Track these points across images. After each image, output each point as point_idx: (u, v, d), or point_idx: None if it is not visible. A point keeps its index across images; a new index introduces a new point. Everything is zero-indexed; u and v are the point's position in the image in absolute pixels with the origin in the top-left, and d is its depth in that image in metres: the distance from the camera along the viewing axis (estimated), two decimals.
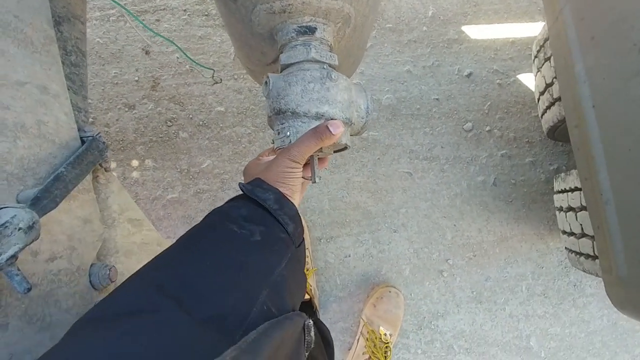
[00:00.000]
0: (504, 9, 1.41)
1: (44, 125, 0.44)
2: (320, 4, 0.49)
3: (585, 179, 0.66)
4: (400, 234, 1.27)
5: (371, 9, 0.59)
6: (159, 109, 1.28)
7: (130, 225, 0.62)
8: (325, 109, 0.50)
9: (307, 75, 0.50)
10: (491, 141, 1.33)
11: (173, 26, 1.33)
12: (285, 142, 0.51)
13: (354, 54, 0.73)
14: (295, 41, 0.53)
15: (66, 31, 0.53)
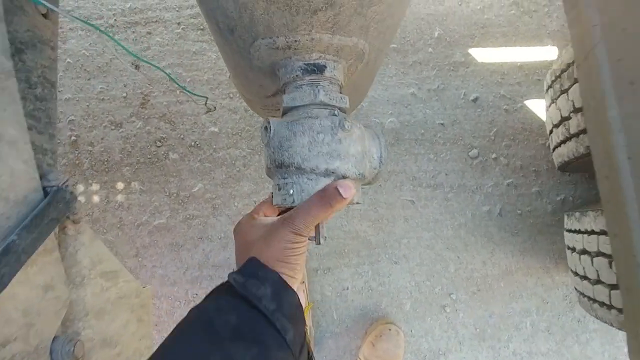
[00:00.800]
0: (512, 32, 1.36)
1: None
2: (332, 41, 0.42)
3: (615, 235, 0.59)
4: (401, 265, 1.20)
5: (387, 42, 0.53)
6: (148, 127, 1.20)
7: (104, 280, 0.54)
8: (336, 165, 0.43)
9: (316, 125, 0.43)
10: (497, 169, 1.28)
11: (165, 40, 1.25)
12: (287, 200, 0.44)
13: (362, 87, 0.66)
14: (301, 80, 0.46)
15: (30, 60, 0.45)
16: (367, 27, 0.43)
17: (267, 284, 0.37)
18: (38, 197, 0.42)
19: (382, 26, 0.45)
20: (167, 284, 1.13)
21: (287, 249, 0.39)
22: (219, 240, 1.16)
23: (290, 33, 0.41)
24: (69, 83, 1.21)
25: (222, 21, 0.45)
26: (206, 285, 1.14)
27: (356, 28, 0.42)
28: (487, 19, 1.36)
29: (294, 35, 0.41)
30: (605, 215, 0.63)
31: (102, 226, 1.14)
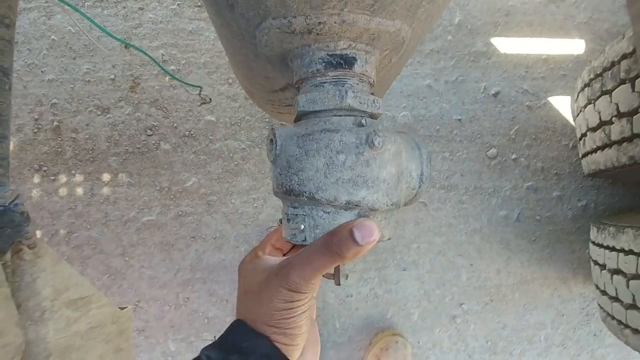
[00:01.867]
0: (537, 21, 1.24)
1: None
2: (370, 25, 0.32)
3: None
4: (410, 272, 1.12)
5: (428, 28, 0.42)
6: (138, 114, 1.09)
7: (71, 310, 0.45)
8: (361, 196, 0.33)
9: (336, 141, 0.32)
10: (516, 171, 1.18)
11: (159, 17, 1.13)
12: (297, 237, 0.34)
13: (387, 84, 0.55)
14: (323, 77, 0.35)
15: None
16: (416, 7, 0.32)
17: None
18: None
19: (433, 6, 0.34)
20: (155, 286, 1.05)
21: (280, 311, 0.29)
22: (214, 240, 1.07)
23: (312, 12, 0.31)
24: (53, 62, 1.09)
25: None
26: (198, 288, 1.05)
27: (403, 8, 0.31)
28: (512, 5, 1.24)
29: (317, 15, 0.31)
30: None
31: (85, 221, 1.05)
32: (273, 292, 0.30)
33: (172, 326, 1.05)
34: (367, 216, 0.34)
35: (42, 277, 0.41)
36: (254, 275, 0.34)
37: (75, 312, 0.45)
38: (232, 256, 1.07)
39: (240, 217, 1.08)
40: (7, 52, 0.39)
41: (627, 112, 0.72)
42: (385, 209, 0.35)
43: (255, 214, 1.09)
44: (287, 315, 0.30)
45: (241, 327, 0.30)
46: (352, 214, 0.34)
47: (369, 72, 0.36)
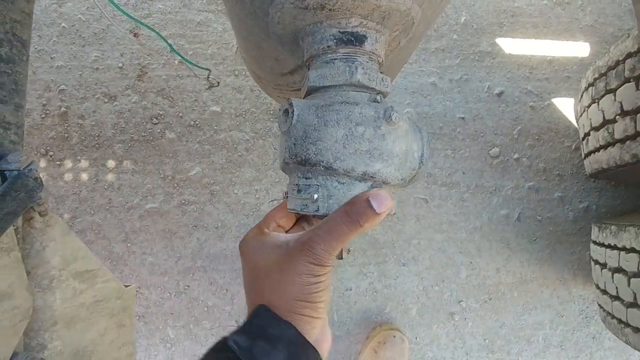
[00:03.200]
0: (543, 23, 1.25)
1: None
2: (382, 3, 0.33)
3: None
4: (409, 268, 1.12)
5: (439, 12, 0.43)
6: (144, 102, 1.10)
7: (78, 282, 0.46)
8: (377, 168, 0.33)
9: (355, 113, 0.33)
10: (518, 171, 1.19)
11: (168, 7, 1.14)
12: (309, 207, 0.35)
13: (394, 71, 0.56)
14: (334, 53, 0.36)
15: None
16: None
17: (279, 347, 0.28)
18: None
19: None
20: (156, 273, 1.05)
21: (308, 285, 0.30)
22: (215, 230, 1.07)
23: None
24: (62, 49, 1.11)
25: None
26: (199, 277, 1.06)
27: None
28: (518, 7, 1.25)
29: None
30: None
31: (89, 207, 1.05)
32: (300, 268, 0.30)
33: (172, 313, 1.05)
34: None
35: (51, 246, 0.42)
36: (268, 252, 0.33)
37: (81, 283, 0.46)
38: (233, 246, 1.07)
39: (243, 208, 1.09)
40: (27, 25, 0.40)
41: (631, 110, 0.73)
42: (395, 183, 0.36)
43: (257, 205, 1.09)
44: (315, 289, 0.30)
45: (266, 312, 0.30)
46: (366, 186, 0.34)
47: (379, 51, 0.37)
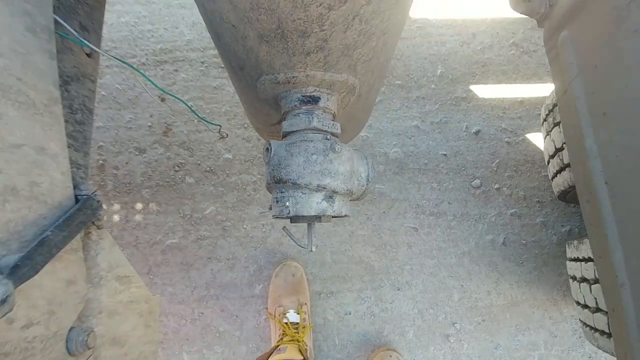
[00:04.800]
0: (512, 70, 1.43)
1: (37, 186, 0.44)
2: (325, 77, 0.50)
3: (599, 257, 0.62)
4: (404, 292, 1.22)
5: (377, 78, 0.60)
6: (169, 154, 1.30)
7: (118, 283, 0.60)
8: (327, 182, 0.49)
9: (310, 147, 0.49)
10: (500, 199, 1.30)
11: (190, 76, 1.38)
12: (283, 211, 0.50)
13: (359, 117, 0.73)
14: (299, 109, 0.53)
15: (74, 90, 0.54)
16: (354, 66, 0.50)
17: None
18: (70, 203, 0.49)
19: (369, 65, 0.52)
20: (175, 302, 1.18)
21: None
22: (227, 261, 1.21)
23: (288, 70, 0.49)
24: (102, 113, 1.34)
25: (234, 61, 0.53)
26: (212, 304, 1.18)
27: (344, 66, 0.49)
28: (488, 58, 1.44)
29: (292, 72, 0.49)
30: (589, 239, 0.65)
31: (119, 244, 1.22)
32: None
33: (187, 339, 1.16)
34: (331, 198, 0.50)
35: (101, 254, 0.57)
36: None
37: (121, 285, 0.61)
38: (242, 275, 1.20)
39: (251, 241, 1.23)
40: (92, 99, 0.59)
41: None
42: (343, 193, 0.50)
43: (263, 238, 1.24)
44: None
45: None
46: (320, 195, 0.49)
47: (330, 107, 0.54)
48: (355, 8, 0.38)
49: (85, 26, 0.57)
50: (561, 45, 0.67)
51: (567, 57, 0.66)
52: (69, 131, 0.53)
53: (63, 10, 0.52)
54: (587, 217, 0.64)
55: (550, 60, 0.72)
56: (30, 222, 0.43)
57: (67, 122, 0.52)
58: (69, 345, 0.48)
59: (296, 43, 0.42)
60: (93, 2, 0.59)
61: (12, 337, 0.40)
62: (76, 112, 0.55)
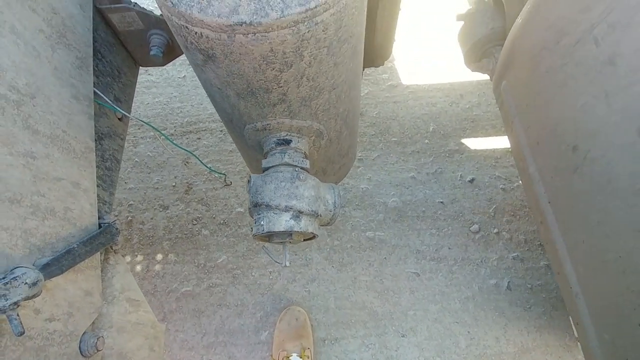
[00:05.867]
0: (500, 124, 1.55)
1: (70, 211, 0.58)
2: (292, 123, 0.64)
3: (558, 273, 0.66)
4: (409, 339, 1.21)
5: (343, 125, 0.74)
6: (188, 209, 1.46)
7: (129, 305, 0.70)
8: (293, 203, 0.60)
9: (280, 176, 0.62)
10: (500, 243, 1.33)
11: (210, 143, 1.60)
12: (259, 230, 0.61)
13: (337, 160, 0.85)
14: (275, 150, 0.66)
15: (106, 144, 0.71)
16: (315, 114, 0.64)
17: None
18: (95, 229, 0.63)
19: (329, 113, 0.66)
20: (185, 348, 1.23)
21: None
22: (235, 307, 1.27)
23: (263, 119, 0.63)
24: (134, 176, 1.55)
25: (225, 116, 0.69)
26: (219, 351, 1.22)
27: (307, 115, 0.63)
28: (476, 115, 1.58)
29: (266, 120, 0.64)
30: (548, 258, 0.70)
31: None
32: None
33: None
34: (298, 217, 0.60)
35: (116, 276, 0.68)
36: None
37: (131, 307, 0.70)
38: (250, 321, 1.25)
39: (259, 287, 1.30)
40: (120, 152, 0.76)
41: None
42: (308, 213, 0.61)
43: (270, 285, 1.30)
44: None
45: None
46: (289, 214, 0.60)
47: (301, 147, 0.67)
48: (300, 70, 0.52)
49: (118, 98, 0.76)
50: (504, 92, 0.79)
51: (508, 102, 0.78)
52: (99, 174, 0.68)
53: (101, 85, 0.71)
54: (543, 237, 0.70)
55: (500, 107, 0.84)
56: (61, 238, 0.56)
57: (98, 168, 0.68)
58: (82, 347, 0.58)
59: (263, 97, 0.57)
60: (126, 81, 0.79)
61: (36, 326, 0.51)
62: (106, 160, 0.71)
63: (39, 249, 0.52)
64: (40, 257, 0.51)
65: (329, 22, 0.47)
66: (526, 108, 0.70)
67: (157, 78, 1.74)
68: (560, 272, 0.65)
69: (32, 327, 0.49)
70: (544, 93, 0.64)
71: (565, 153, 0.61)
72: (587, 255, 0.57)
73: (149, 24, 0.74)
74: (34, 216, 0.51)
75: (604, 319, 0.54)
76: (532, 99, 0.68)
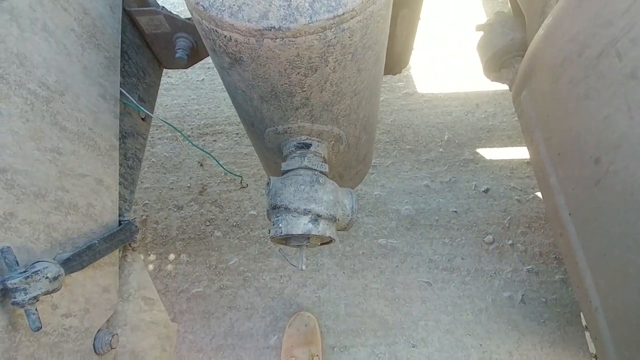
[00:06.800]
0: (516, 135, 1.53)
1: (92, 207, 0.59)
2: (313, 128, 0.64)
3: (577, 287, 0.65)
4: (419, 349, 1.19)
5: (363, 130, 0.74)
6: (202, 210, 1.47)
7: (144, 303, 0.71)
8: (312, 207, 0.60)
9: (300, 179, 0.62)
10: (515, 255, 1.31)
11: (226, 145, 1.61)
12: (277, 232, 0.61)
13: (354, 166, 0.86)
14: (294, 153, 0.67)
15: (129, 143, 0.72)
16: (336, 119, 0.64)
17: None
18: (115, 225, 0.64)
19: (349, 119, 0.66)
20: (194, 350, 1.23)
21: None
22: (245, 310, 1.27)
23: (285, 123, 0.64)
24: (150, 176, 1.57)
25: (247, 119, 0.70)
26: (228, 354, 1.22)
27: (328, 119, 0.64)
28: (492, 125, 1.56)
29: (287, 124, 0.64)
30: (567, 271, 0.68)
31: None
32: None
33: None
34: (316, 221, 0.60)
35: (133, 274, 0.69)
36: None
37: (145, 305, 0.71)
38: (259, 325, 1.25)
39: (269, 291, 1.30)
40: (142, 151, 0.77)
41: None
42: (326, 217, 0.61)
43: (281, 289, 1.30)
44: None
45: None
46: (307, 218, 0.60)
47: (321, 152, 0.67)
48: (324, 75, 0.53)
49: (142, 98, 0.77)
50: (524, 102, 0.79)
51: (528, 112, 0.77)
52: (121, 172, 0.70)
53: (127, 85, 0.73)
54: (562, 250, 0.69)
55: (519, 117, 0.84)
56: (83, 233, 0.57)
57: (120, 166, 0.69)
58: (96, 344, 0.58)
59: (286, 101, 0.58)
60: (150, 82, 0.81)
61: (53, 321, 0.51)
62: (129, 159, 0.73)
63: (60, 244, 0.53)
64: (61, 252, 0.52)
65: (355, 29, 0.48)
66: (547, 119, 0.70)
67: (176, 80, 1.77)
68: (580, 286, 0.63)
69: (49, 322, 0.50)
70: (566, 104, 0.64)
71: (587, 165, 0.60)
72: (608, 268, 0.56)
73: (175, 27, 0.76)
74: (57, 211, 0.52)
75: (625, 336, 0.52)
76: (553, 110, 0.68)
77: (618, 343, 0.53)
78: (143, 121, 0.77)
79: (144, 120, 0.78)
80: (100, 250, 0.57)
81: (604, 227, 0.56)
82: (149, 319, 0.72)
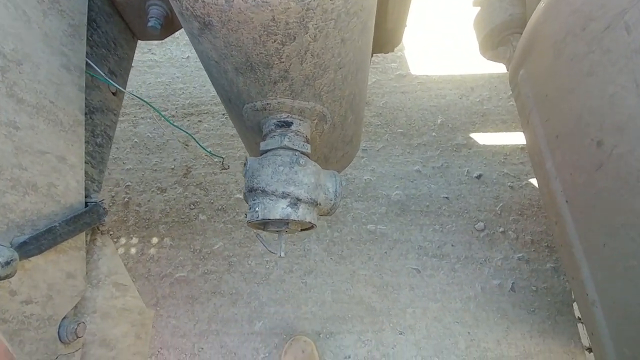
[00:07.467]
0: (511, 119, 1.49)
1: (54, 187, 0.54)
2: (294, 104, 0.59)
3: (572, 278, 0.62)
4: (406, 336, 1.18)
5: (349, 109, 0.69)
6: (186, 193, 1.42)
7: (115, 289, 0.67)
8: (291, 189, 0.56)
9: (278, 160, 0.57)
10: (506, 243, 1.28)
11: (211, 126, 1.55)
12: (254, 216, 0.57)
13: (341, 147, 0.81)
14: (274, 132, 0.62)
15: (98, 119, 0.67)
16: (319, 95, 0.60)
17: None
18: (80, 207, 0.59)
19: (333, 95, 0.61)
20: (177, 335, 1.21)
21: None
22: (230, 296, 1.24)
23: (263, 98, 0.59)
24: (133, 157, 1.51)
25: (223, 94, 0.65)
26: (212, 340, 1.19)
27: (310, 95, 0.59)
28: (487, 109, 1.52)
29: (266, 100, 0.59)
30: (562, 261, 0.66)
31: (132, 275, 1.30)
32: None
33: None
34: (296, 205, 0.56)
35: (103, 259, 0.65)
36: None
37: (117, 291, 0.67)
38: (244, 311, 1.22)
39: (255, 277, 1.27)
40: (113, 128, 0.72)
41: None
42: (307, 201, 0.57)
43: (267, 275, 1.27)
44: None
45: None
46: (286, 201, 0.56)
47: (302, 131, 0.63)
48: (304, 44, 0.48)
49: (113, 71, 0.72)
50: (521, 81, 0.74)
51: (525, 92, 0.72)
52: (89, 150, 0.65)
53: (95, 57, 0.67)
54: (557, 238, 0.66)
55: (515, 98, 0.79)
56: (43, 215, 0.52)
57: (88, 143, 0.64)
58: (61, 332, 0.54)
59: (263, 73, 0.53)
60: (122, 54, 0.75)
61: (12, 308, 0.47)
62: (97, 136, 0.67)
63: (17, 225, 0.48)
64: (18, 235, 0.48)
65: None
66: (546, 98, 0.66)
67: (160, 58, 1.69)
68: (575, 277, 0.60)
69: (7, 309, 0.46)
70: (567, 82, 0.59)
71: (589, 148, 0.56)
72: (607, 260, 0.53)
73: None
74: (13, 190, 0.47)
75: (625, 332, 0.50)
76: (553, 89, 0.63)
77: (617, 340, 0.50)
78: (114, 96, 0.72)
79: (115, 95, 0.72)
80: (61, 233, 0.52)
81: (605, 215, 0.53)
82: (121, 305, 0.68)
